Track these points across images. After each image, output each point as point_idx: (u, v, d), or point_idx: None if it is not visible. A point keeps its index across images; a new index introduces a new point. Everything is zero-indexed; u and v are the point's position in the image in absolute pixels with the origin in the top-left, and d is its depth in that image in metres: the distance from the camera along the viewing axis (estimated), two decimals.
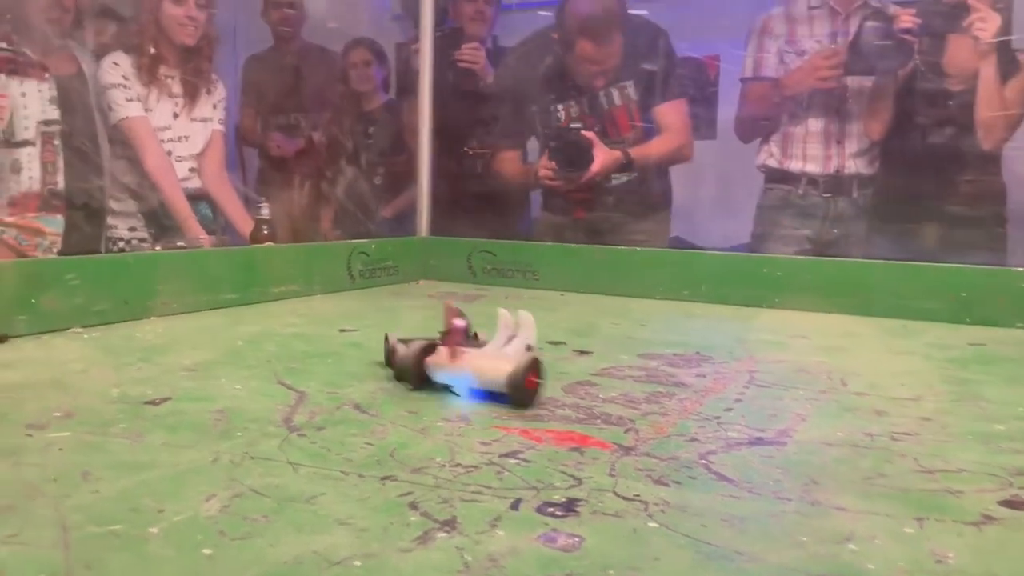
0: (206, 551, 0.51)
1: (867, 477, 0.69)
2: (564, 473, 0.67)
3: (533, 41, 2.25)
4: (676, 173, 3.36)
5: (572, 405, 0.89)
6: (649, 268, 1.79)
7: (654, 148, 2.19)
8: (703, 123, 2.81)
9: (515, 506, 0.60)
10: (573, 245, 1.90)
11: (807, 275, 1.64)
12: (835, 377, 1.07)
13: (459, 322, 0.92)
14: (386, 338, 1.02)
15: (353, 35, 2.83)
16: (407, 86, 2.76)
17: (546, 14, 2.29)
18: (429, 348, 0.94)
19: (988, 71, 1.91)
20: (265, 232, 1.83)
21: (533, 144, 2.32)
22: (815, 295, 1.62)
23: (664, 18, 2.98)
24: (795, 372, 1.10)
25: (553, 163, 2.05)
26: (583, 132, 2.05)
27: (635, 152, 2.13)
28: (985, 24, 1.88)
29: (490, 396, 0.88)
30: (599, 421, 0.83)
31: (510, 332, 0.95)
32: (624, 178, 2.17)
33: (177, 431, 0.76)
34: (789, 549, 0.54)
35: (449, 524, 0.56)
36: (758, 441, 0.78)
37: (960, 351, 1.27)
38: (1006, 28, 1.91)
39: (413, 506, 0.59)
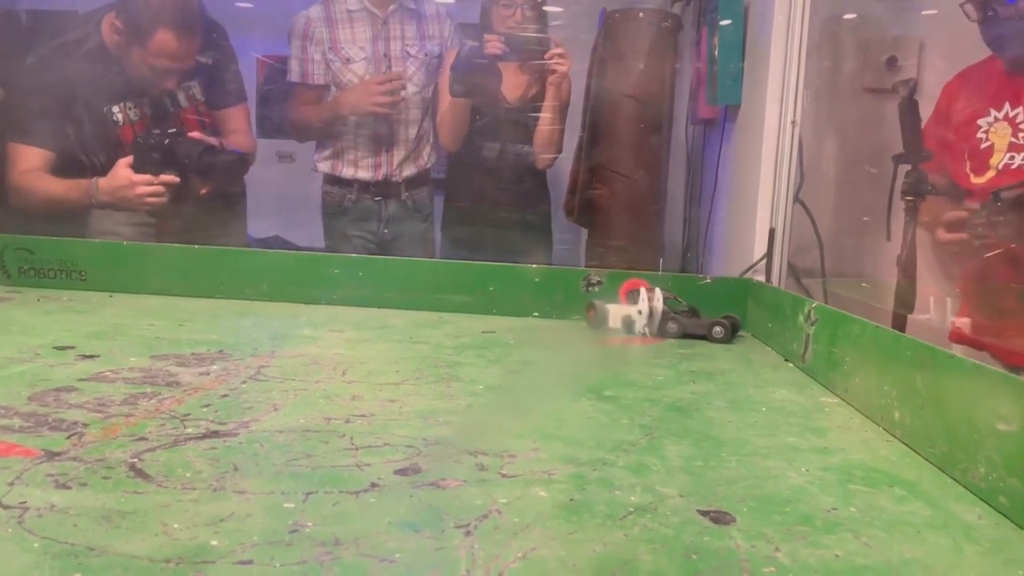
0: None
1: (291, 460, 0.74)
2: None
3: (81, 28, 1.91)
4: (286, 170, 3.33)
5: (27, 414, 0.83)
6: (210, 268, 1.74)
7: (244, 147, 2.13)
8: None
9: None
10: (125, 243, 1.77)
11: (361, 271, 1.72)
12: (340, 368, 1.13)
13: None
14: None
15: None
16: None
17: None
18: None
19: (549, 106, 2.19)
20: None
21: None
22: (368, 291, 1.71)
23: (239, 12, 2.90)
24: (306, 365, 1.15)
25: (174, 178, 1.84)
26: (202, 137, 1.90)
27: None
28: (562, 61, 2.14)
29: None
30: (46, 428, 0.79)
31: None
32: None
33: None
34: (152, 538, 0.56)
35: None
36: (212, 435, 0.80)
37: (470, 339, 1.42)
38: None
39: None
